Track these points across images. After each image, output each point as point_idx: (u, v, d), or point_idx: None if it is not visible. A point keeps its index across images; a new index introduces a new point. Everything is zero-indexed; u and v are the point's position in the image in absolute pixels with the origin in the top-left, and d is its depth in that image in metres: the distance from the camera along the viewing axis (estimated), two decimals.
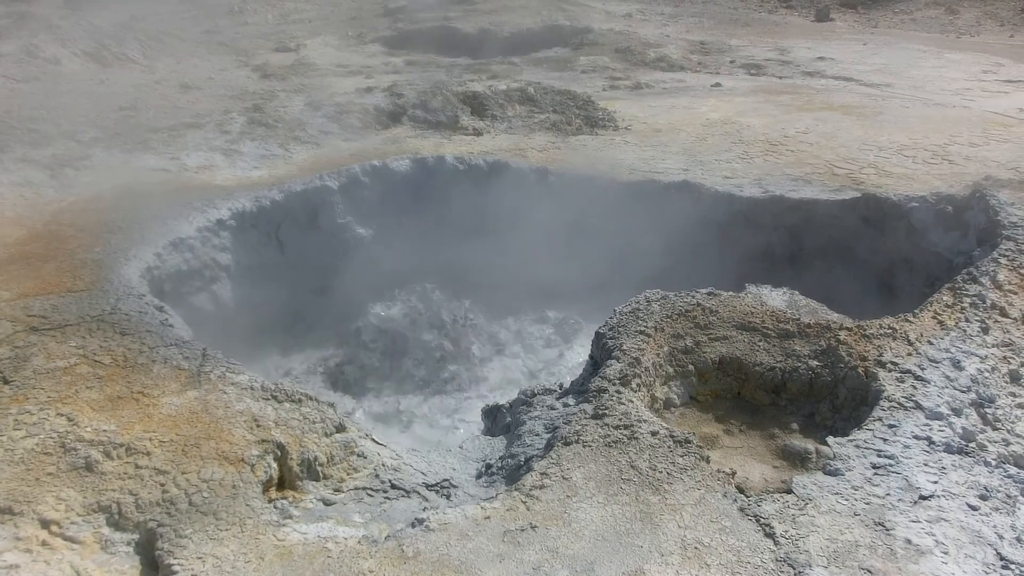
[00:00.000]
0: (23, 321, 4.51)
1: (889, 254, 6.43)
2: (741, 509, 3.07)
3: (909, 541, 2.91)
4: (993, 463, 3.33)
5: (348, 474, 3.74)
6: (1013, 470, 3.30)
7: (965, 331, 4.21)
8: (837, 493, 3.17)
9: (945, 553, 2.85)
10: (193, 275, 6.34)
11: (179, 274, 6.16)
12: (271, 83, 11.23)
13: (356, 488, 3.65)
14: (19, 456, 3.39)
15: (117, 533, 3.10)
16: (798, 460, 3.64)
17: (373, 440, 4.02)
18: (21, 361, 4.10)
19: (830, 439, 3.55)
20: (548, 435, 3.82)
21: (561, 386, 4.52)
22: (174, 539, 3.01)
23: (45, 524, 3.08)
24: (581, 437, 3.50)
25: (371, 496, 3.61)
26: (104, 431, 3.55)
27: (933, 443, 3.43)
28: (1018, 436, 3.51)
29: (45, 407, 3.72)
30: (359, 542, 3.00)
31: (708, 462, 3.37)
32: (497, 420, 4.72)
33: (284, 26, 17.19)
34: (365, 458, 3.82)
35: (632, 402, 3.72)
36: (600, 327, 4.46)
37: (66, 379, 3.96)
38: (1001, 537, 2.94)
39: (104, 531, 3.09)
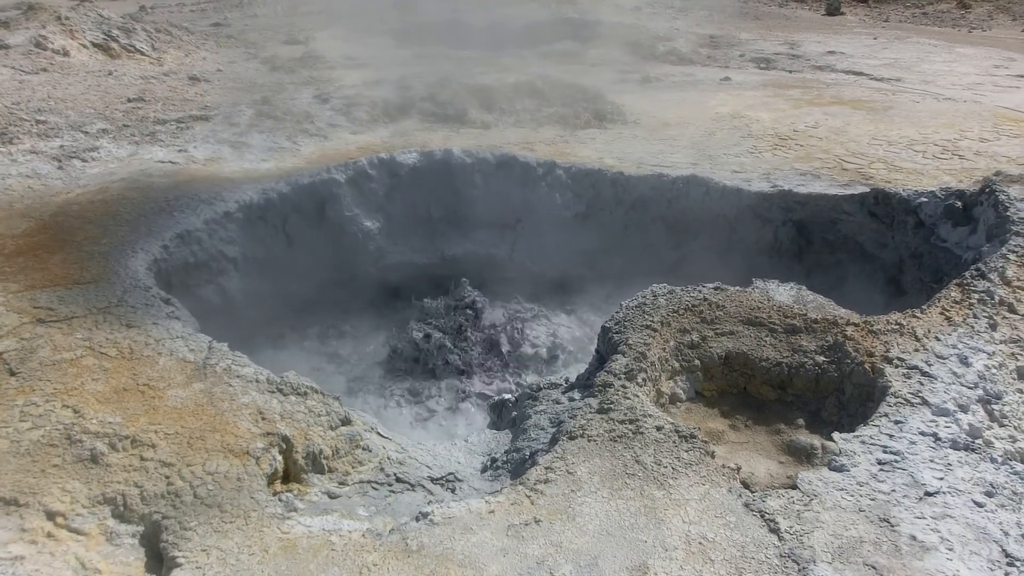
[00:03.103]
0: (30, 313, 4.53)
1: (897, 249, 6.38)
2: (746, 504, 3.06)
3: (914, 537, 2.89)
4: (999, 460, 3.31)
5: (353, 467, 3.74)
6: (1020, 467, 3.27)
7: (973, 327, 4.17)
8: (842, 489, 3.15)
9: (950, 550, 2.84)
10: (200, 267, 6.35)
11: (186, 266, 6.17)
12: (280, 76, 11.24)
13: (361, 481, 3.66)
14: (25, 448, 3.41)
15: (122, 525, 3.10)
16: (804, 456, 3.62)
17: (378, 433, 4.02)
18: (28, 353, 4.12)
19: (836, 435, 3.53)
20: (553, 429, 3.81)
21: (567, 380, 4.51)
22: (179, 531, 3.01)
23: (51, 515, 3.08)
24: (586, 431, 3.49)
25: (376, 489, 3.61)
26: (110, 423, 3.56)
27: (939, 439, 3.41)
28: None
29: (51, 399, 3.74)
30: (363, 535, 3.00)
31: (713, 457, 3.35)
32: (503, 414, 4.72)
33: (293, 18, 17.19)
34: (370, 451, 3.83)
35: (637, 397, 3.71)
36: (606, 321, 4.45)
37: (72, 371, 3.98)
38: (1007, 534, 2.92)
39: (109, 523, 3.10)
